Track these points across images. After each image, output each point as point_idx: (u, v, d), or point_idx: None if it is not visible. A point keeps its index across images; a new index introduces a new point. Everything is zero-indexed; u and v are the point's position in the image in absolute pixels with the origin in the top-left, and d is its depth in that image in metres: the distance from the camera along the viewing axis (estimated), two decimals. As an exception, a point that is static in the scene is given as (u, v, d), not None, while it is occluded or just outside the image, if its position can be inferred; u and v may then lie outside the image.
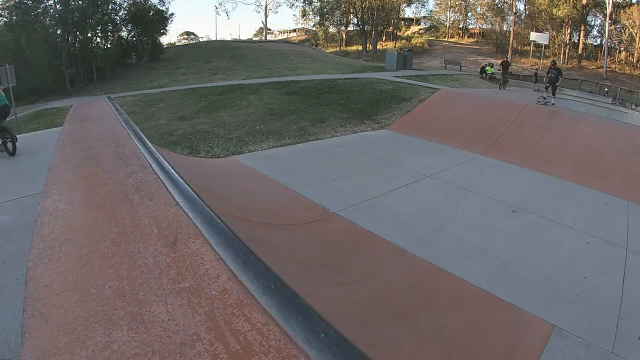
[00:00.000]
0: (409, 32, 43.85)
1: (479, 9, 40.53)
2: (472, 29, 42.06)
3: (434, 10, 43.97)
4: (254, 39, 43.71)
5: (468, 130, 7.79)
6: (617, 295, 3.11)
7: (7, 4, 20.68)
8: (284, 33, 50.62)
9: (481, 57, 34.73)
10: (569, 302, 3.00)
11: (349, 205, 4.35)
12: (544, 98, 11.85)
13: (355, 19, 40.42)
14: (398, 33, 42.62)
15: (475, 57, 35.47)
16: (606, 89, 22.76)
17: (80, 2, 21.89)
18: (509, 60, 18.84)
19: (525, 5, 36.65)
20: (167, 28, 26.16)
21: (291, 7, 58.16)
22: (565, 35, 34.01)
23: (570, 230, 4.21)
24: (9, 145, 5.68)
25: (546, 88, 11.94)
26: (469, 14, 41.84)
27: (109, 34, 23.80)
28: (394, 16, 41.13)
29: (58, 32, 21.30)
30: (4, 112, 5.71)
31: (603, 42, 32.44)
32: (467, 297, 3.02)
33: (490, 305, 2.93)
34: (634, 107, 18.21)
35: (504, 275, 3.30)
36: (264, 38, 42.12)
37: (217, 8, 59.06)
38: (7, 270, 2.88)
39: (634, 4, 31.04)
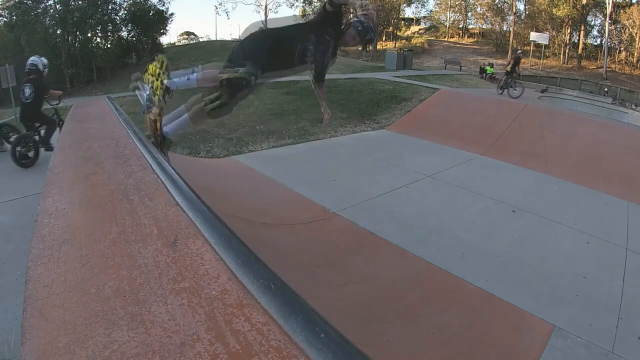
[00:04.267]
0: (409, 32, 43.85)
1: (479, 9, 40.60)
2: (472, 29, 42.09)
3: (434, 10, 44.02)
4: (254, 39, 43.62)
5: (468, 130, 7.79)
6: (617, 295, 3.12)
7: (7, 4, 20.67)
8: (284, 33, 50.54)
9: (481, 57, 34.75)
10: (569, 302, 3.00)
11: (349, 205, 4.35)
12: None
13: (355, 19, 40.36)
14: (398, 33, 42.61)
15: (475, 57, 35.49)
16: (606, 89, 22.78)
17: (80, 2, 21.90)
18: (522, 54, 14.82)
19: (525, 5, 36.69)
20: (167, 28, 26.25)
21: (291, 7, 58.09)
22: (565, 35, 34.03)
23: (570, 230, 4.21)
24: (7, 145, 5.71)
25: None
26: (469, 14, 41.90)
27: (109, 34, 23.82)
28: (394, 16, 41.14)
29: (58, 32, 21.31)
30: None
31: (603, 42, 32.46)
32: (467, 297, 3.02)
33: (490, 305, 2.93)
34: (634, 107, 18.23)
35: (504, 275, 3.30)
36: (264, 38, 42.06)
37: (217, 8, 58.85)
38: (7, 270, 2.88)
39: (634, 4, 31.06)
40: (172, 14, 26.26)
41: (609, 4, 30.65)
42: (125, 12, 24.14)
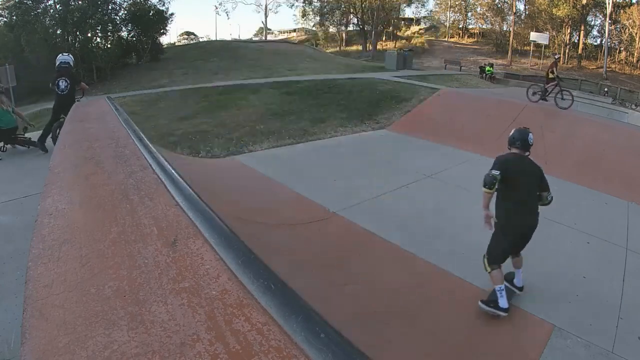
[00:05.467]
0: (409, 32, 43.84)
1: (479, 9, 40.56)
2: (472, 29, 42.06)
3: (433, 10, 44.00)
4: (254, 39, 43.70)
5: (468, 130, 7.79)
6: (617, 295, 3.11)
7: (7, 4, 20.67)
8: (284, 33, 50.59)
9: (481, 57, 34.73)
10: (569, 302, 3.00)
11: (349, 205, 4.35)
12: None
13: (355, 19, 40.45)
14: (398, 33, 42.63)
15: (475, 57, 35.46)
16: (606, 89, 22.77)
17: (80, 2, 21.89)
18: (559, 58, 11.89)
19: (525, 5, 36.67)
20: (167, 28, 26.08)
21: (291, 7, 58.14)
22: (565, 35, 34.02)
23: (570, 230, 4.21)
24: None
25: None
26: (469, 14, 41.86)
27: (109, 34, 23.78)
28: (394, 16, 41.17)
29: (58, 32, 21.30)
30: (9, 133, 5.80)
31: (603, 42, 32.45)
32: (467, 297, 3.02)
33: (490, 305, 2.93)
34: (634, 107, 18.21)
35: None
36: (264, 38, 42.12)
37: (217, 8, 58.78)
38: (7, 270, 2.88)
39: (634, 4, 31.05)
40: (172, 14, 26.16)
41: (609, 4, 30.63)
42: (125, 12, 24.10)
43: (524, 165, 2.93)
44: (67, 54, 6.10)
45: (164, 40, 29.60)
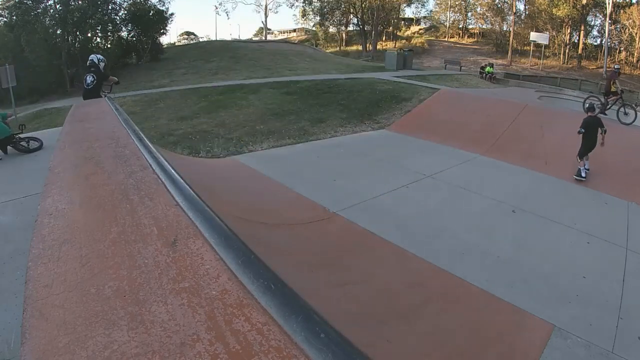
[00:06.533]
0: (409, 32, 43.89)
1: (479, 9, 40.60)
2: (472, 29, 42.10)
3: (433, 10, 44.07)
4: (254, 39, 43.75)
5: (468, 130, 7.79)
6: (617, 295, 3.12)
7: (7, 4, 20.68)
8: (284, 33, 50.66)
9: (481, 57, 34.75)
10: (569, 302, 3.00)
11: (349, 205, 4.35)
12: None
13: (355, 19, 40.50)
14: (398, 33, 42.68)
15: (475, 57, 35.48)
16: (606, 89, 22.70)
17: (80, 2, 21.91)
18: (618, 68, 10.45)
19: (525, 5, 36.69)
20: (167, 28, 26.15)
21: (291, 7, 58.26)
22: (565, 35, 34.02)
23: (570, 230, 4.21)
24: (24, 144, 6.05)
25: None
26: (469, 14, 41.91)
27: (109, 34, 23.82)
28: (394, 16, 41.21)
29: (58, 32, 21.32)
30: (6, 142, 5.85)
31: (603, 42, 32.45)
32: (467, 297, 3.02)
33: (490, 305, 2.94)
34: (634, 107, 18.13)
35: (504, 275, 3.30)
36: (264, 38, 42.14)
37: (217, 8, 59.13)
38: (7, 270, 2.88)
39: (634, 4, 31.04)
40: (172, 14, 26.22)
41: (609, 4, 30.63)
42: (125, 12, 24.13)
43: (594, 121, 5.90)
44: (95, 54, 6.57)
45: (164, 40, 29.69)
